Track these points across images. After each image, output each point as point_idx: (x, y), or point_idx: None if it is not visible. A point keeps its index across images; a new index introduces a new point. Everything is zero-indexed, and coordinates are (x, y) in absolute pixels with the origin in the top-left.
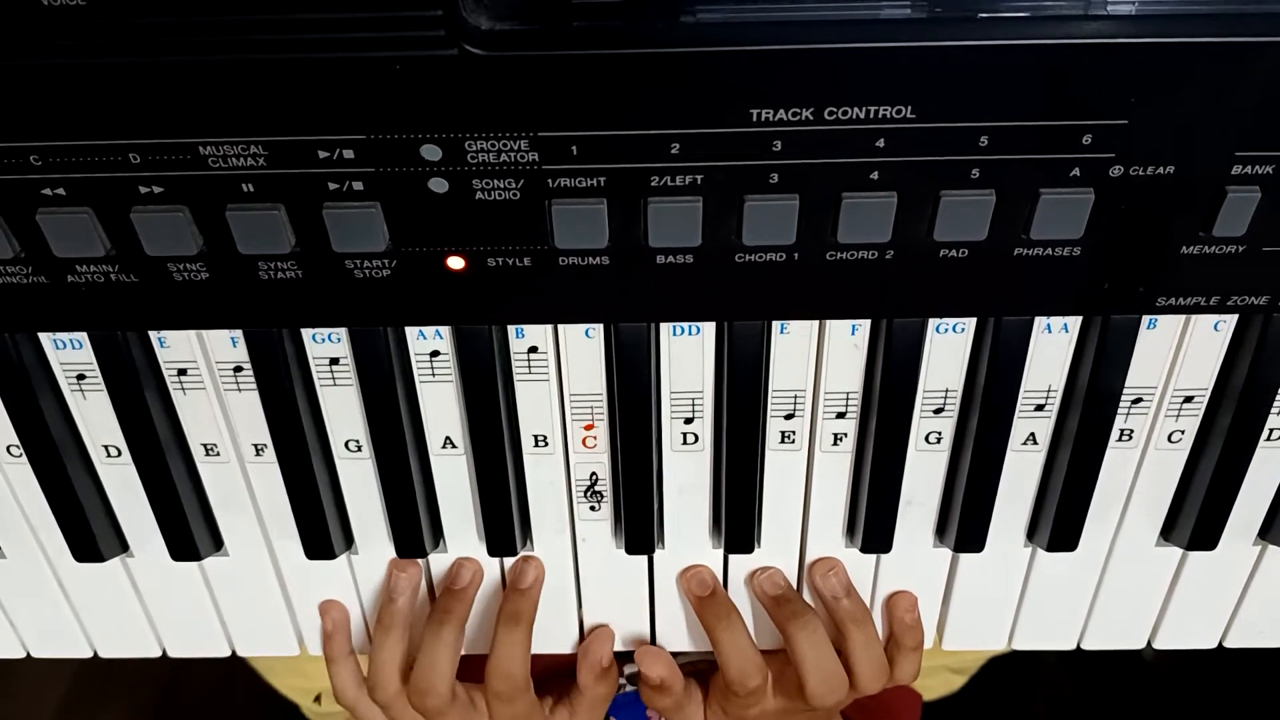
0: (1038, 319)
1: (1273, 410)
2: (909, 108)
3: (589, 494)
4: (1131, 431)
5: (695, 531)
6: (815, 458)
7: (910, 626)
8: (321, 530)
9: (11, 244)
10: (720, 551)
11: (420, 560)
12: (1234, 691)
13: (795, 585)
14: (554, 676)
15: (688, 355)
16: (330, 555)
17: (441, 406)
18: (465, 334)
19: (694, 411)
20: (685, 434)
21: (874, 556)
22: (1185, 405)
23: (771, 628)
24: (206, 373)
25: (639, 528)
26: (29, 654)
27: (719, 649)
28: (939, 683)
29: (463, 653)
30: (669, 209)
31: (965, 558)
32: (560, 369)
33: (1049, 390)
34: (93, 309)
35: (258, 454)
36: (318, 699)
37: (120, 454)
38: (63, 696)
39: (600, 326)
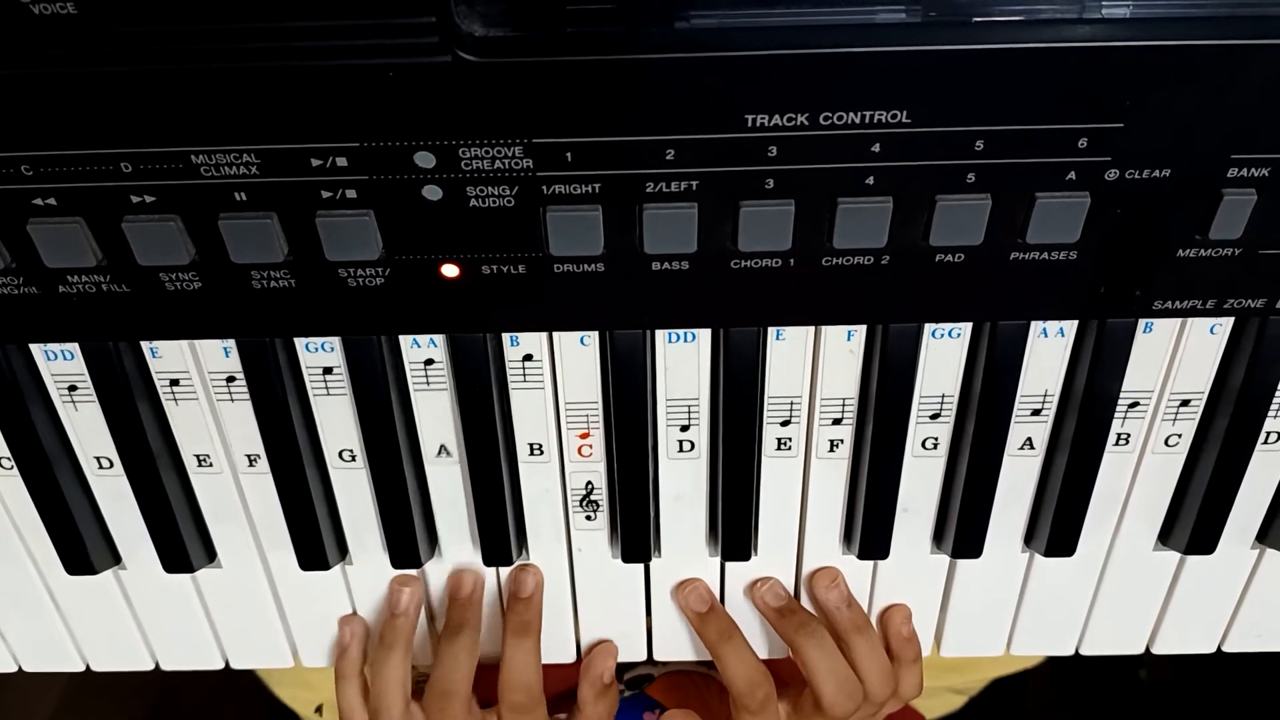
0: (1034, 323)
1: (1270, 413)
2: (904, 112)
3: (585, 503)
4: (1128, 436)
5: (692, 540)
6: (812, 464)
7: (907, 639)
8: (315, 541)
9: (2, 254)
10: (717, 560)
11: (420, 575)
12: (1229, 713)
13: (793, 592)
14: (555, 700)
15: (684, 362)
16: (324, 566)
17: (436, 415)
18: (460, 342)
19: (690, 419)
20: (681, 441)
21: (871, 563)
22: (1182, 409)
23: (770, 638)
24: (199, 383)
25: (635, 536)
26: (20, 668)
27: (724, 664)
28: (940, 703)
29: None
30: (664, 215)
31: (963, 564)
32: (556, 377)
33: (1045, 395)
34: (84, 319)
35: (251, 464)
36: (319, 709)
37: (112, 465)
38: (55, 705)
39: (595, 334)
